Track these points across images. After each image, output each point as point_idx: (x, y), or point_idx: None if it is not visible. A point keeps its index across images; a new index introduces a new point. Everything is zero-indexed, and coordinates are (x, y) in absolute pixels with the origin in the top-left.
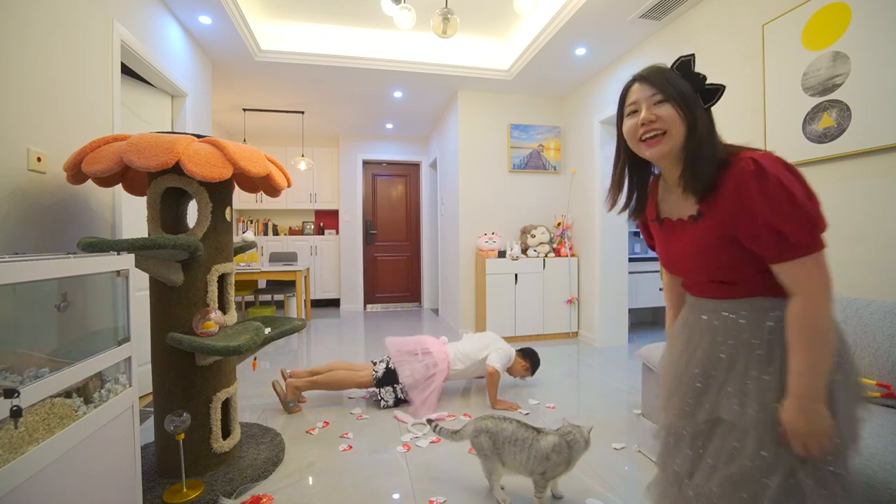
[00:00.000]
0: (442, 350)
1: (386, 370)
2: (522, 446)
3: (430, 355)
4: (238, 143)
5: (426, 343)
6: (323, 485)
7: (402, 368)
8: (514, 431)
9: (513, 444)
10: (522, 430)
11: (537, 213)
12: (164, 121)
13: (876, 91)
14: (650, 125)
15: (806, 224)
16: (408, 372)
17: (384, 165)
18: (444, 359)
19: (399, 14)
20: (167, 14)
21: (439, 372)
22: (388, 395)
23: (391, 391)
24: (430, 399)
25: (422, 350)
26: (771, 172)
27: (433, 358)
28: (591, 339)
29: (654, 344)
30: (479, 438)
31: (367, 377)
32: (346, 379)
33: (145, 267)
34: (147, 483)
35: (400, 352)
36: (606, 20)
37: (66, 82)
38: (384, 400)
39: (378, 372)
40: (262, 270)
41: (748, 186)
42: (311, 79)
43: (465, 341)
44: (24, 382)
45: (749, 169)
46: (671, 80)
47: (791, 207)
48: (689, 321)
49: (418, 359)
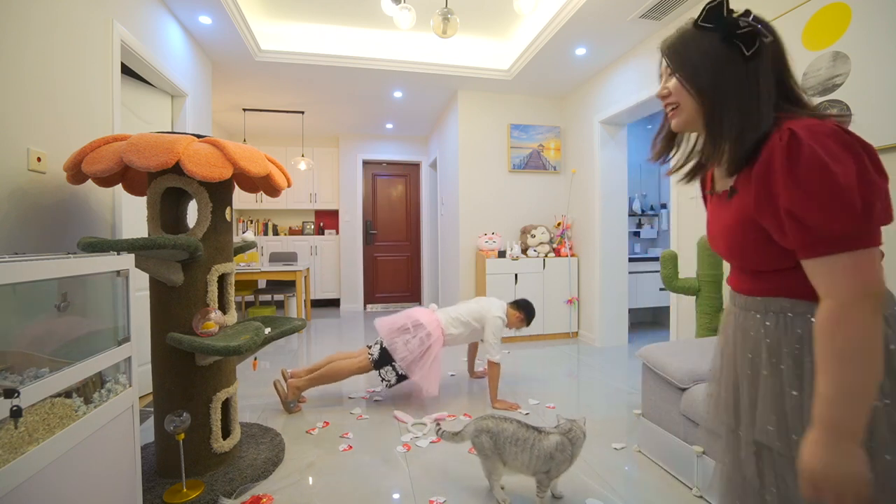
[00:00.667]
0: (433, 318)
1: (381, 350)
2: (524, 446)
3: (422, 326)
4: (238, 143)
5: (415, 315)
6: (323, 485)
7: (396, 346)
8: (516, 431)
9: (514, 445)
10: (523, 430)
11: (537, 213)
12: (164, 121)
13: (876, 91)
14: (665, 99)
15: (841, 212)
16: (402, 348)
17: (384, 165)
18: (437, 327)
19: (399, 14)
20: (167, 14)
21: (434, 342)
22: (388, 374)
23: (391, 370)
24: (433, 371)
25: (412, 323)
26: (806, 144)
27: (425, 329)
28: (591, 339)
29: (655, 344)
30: (479, 438)
31: (364, 361)
32: (344, 368)
33: (145, 267)
34: (147, 483)
35: (391, 331)
36: (606, 20)
37: (66, 82)
38: (386, 380)
39: (374, 354)
40: (262, 270)
41: (773, 162)
42: (311, 79)
43: (455, 305)
44: (24, 382)
45: (781, 142)
46: (678, 48)
47: (823, 189)
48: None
49: (410, 333)
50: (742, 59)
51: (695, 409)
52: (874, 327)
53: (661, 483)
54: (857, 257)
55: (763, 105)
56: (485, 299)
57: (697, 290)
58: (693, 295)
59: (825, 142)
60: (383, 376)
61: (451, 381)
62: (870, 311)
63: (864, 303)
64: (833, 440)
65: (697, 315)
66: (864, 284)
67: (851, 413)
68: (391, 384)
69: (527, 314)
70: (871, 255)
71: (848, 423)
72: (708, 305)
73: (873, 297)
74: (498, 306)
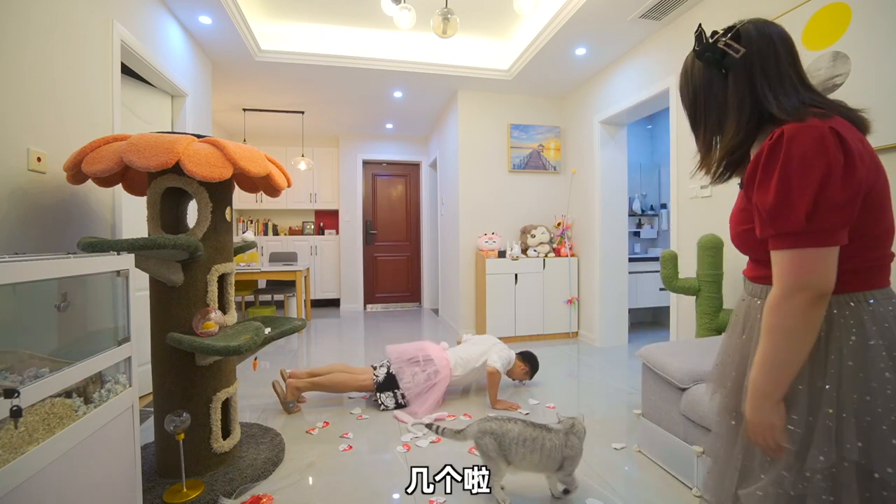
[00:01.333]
0: (443, 357)
1: (387, 374)
2: (533, 446)
3: (432, 362)
4: (238, 143)
5: (427, 350)
6: (323, 485)
7: (404, 375)
8: (521, 432)
9: (521, 445)
10: (530, 429)
11: (537, 213)
12: (164, 121)
13: (876, 91)
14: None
15: (786, 212)
16: (409, 378)
17: (384, 165)
18: (446, 366)
19: (399, 14)
20: (167, 14)
21: (441, 380)
22: (388, 399)
23: (391, 396)
24: (430, 407)
25: (423, 357)
26: (786, 144)
27: (435, 366)
28: (591, 339)
29: (655, 344)
30: (483, 440)
31: (368, 381)
32: (346, 382)
33: (145, 267)
34: (147, 483)
35: (401, 359)
36: (606, 20)
37: (66, 82)
38: (384, 405)
39: (379, 377)
40: (262, 270)
41: (756, 159)
42: (311, 79)
43: (464, 345)
44: (24, 382)
45: (770, 141)
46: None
47: (781, 188)
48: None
49: (420, 366)
50: (723, 77)
51: (695, 409)
52: (802, 316)
53: (661, 483)
54: (802, 255)
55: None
56: (497, 345)
57: (697, 290)
58: (693, 295)
59: (805, 144)
60: (382, 400)
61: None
62: (801, 302)
63: (797, 294)
64: (757, 397)
65: (697, 315)
66: (801, 279)
67: (769, 379)
68: (387, 409)
69: (531, 366)
70: (818, 255)
71: (765, 386)
72: (708, 305)
73: (808, 292)
74: (507, 350)
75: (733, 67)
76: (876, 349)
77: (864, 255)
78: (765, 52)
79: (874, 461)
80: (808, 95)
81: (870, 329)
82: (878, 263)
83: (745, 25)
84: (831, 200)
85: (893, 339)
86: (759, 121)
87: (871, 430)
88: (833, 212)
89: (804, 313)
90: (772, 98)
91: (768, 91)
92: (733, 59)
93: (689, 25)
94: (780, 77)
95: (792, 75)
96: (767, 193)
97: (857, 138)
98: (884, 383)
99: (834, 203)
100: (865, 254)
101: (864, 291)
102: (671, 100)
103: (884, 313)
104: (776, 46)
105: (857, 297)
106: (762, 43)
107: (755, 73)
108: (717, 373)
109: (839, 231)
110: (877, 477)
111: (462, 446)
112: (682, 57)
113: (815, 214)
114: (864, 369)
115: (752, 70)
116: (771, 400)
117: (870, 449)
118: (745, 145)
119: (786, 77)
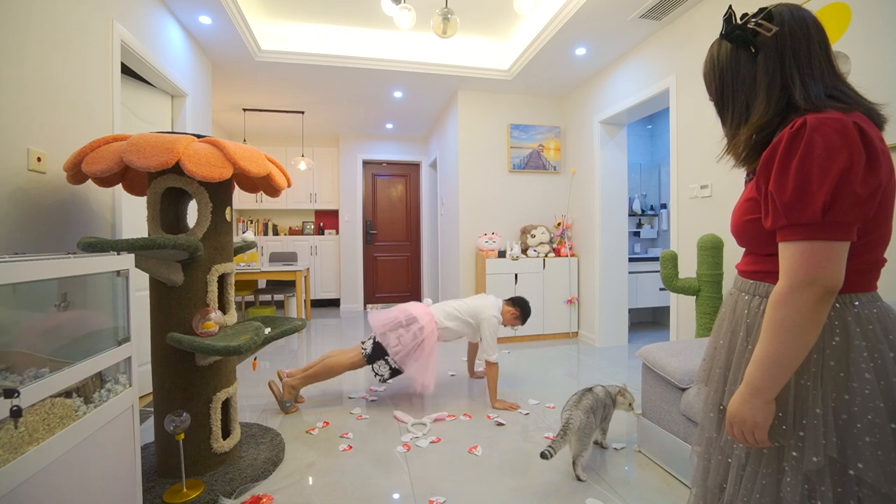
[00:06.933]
0: (426, 312)
1: (374, 345)
2: (598, 408)
3: (415, 320)
4: (238, 143)
5: (409, 309)
6: (323, 485)
7: (389, 340)
8: (593, 403)
9: (594, 413)
10: (588, 398)
11: (537, 213)
12: (164, 121)
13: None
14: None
15: (804, 201)
16: (394, 342)
17: (384, 165)
18: (430, 321)
19: (399, 14)
20: (167, 14)
21: (428, 335)
22: (381, 368)
23: (384, 364)
24: (429, 365)
25: (406, 318)
26: (808, 134)
27: (418, 323)
28: (591, 339)
29: (655, 344)
30: (588, 420)
31: (358, 356)
32: (337, 364)
33: (145, 267)
34: (147, 483)
35: (384, 325)
36: (606, 20)
37: (66, 82)
38: (380, 374)
39: (367, 349)
40: (262, 270)
41: (775, 147)
42: (311, 79)
43: (452, 301)
44: (24, 382)
45: (791, 129)
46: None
47: (799, 177)
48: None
49: (403, 327)
50: (751, 57)
51: (695, 408)
52: (809, 312)
53: (661, 483)
54: (814, 247)
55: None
56: (481, 296)
57: (697, 290)
58: (693, 295)
59: (828, 135)
60: (376, 370)
61: (452, 381)
62: (810, 297)
63: (807, 289)
64: (748, 393)
65: (697, 315)
66: (811, 273)
67: (767, 375)
68: (384, 378)
69: (522, 311)
70: (830, 249)
71: (760, 383)
72: (708, 305)
73: (818, 287)
74: (493, 304)
75: (764, 47)
76: (858, 350)
77: (859, 258)
78: (797, 34)
79: (848, 458)
80: (834, 82)
81: (853, 330)
82: (870, 267)
83: (778, 6)
84: (851, 194)
85: (876, 341)
86: (787, 104)
87: (847, 428)
88: (851, 206)
89: (811, 309)
90: (798, 82)
91: (796, 73)
92: (764, 39)
93: (689, 25)
94: (809, 60)
95: (822, 59)
96: (784, 182)
97: (878, 136)
98: (863, 384)
99: (853, 197)
100: (861, 256)
101: (851, 294)
102: (671, 100)
103: (868, 315)
104: (809, 30)
105: (843, 299)
106: (794, 24)
107: (786, 53)
108: (703, 368)
109: (854, 226)
110: (851, 474)
111: (463, 446)
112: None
113: (833, 207)
114: (845, 369)
115: (783, 50)
116: (763, 397)
117: (845, 446)
118: (772, 125)
119: (815, 60)
